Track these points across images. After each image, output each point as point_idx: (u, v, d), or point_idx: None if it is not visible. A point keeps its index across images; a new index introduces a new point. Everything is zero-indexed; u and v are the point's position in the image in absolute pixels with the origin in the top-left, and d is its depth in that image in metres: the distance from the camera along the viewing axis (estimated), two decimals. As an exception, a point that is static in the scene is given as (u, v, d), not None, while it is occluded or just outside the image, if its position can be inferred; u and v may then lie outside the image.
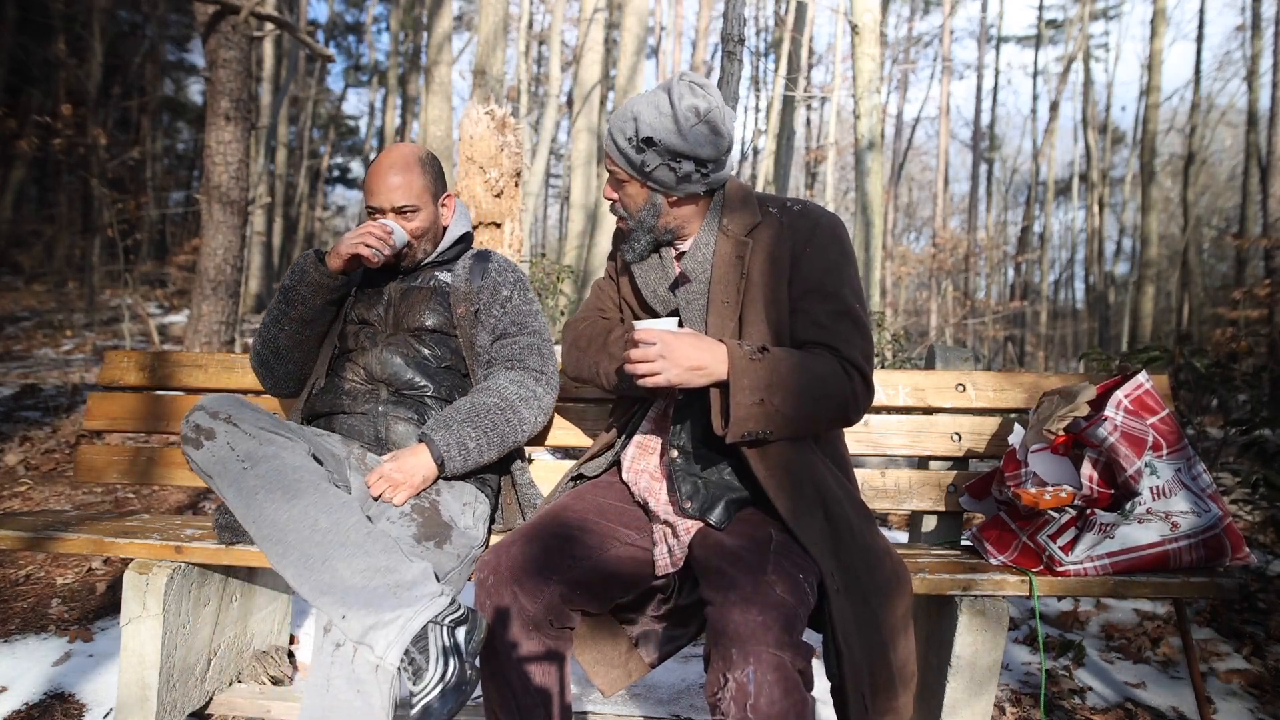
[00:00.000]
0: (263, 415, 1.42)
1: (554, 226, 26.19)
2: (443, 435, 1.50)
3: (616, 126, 1.36)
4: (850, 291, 1.36)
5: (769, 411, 1.23)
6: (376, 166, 1.67)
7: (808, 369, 1.26)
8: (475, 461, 1.53)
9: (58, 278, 11.80)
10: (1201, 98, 15.64)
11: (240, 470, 1.33)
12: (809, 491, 1.28)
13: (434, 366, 1.66)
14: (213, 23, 4.57)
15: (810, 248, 1.37)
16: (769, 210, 1.43)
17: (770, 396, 1.23)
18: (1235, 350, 3.99)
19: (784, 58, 13.32)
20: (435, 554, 1.41)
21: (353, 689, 1.23)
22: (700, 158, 1.33)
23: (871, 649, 1.20)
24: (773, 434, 1.25)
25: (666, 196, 1.39)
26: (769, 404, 1.22)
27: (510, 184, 4.25)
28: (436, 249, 1.75)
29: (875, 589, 1.24)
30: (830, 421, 1.32)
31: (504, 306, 1.70)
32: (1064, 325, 23.60)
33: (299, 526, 1.29)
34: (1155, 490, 1.50)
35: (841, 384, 1.28)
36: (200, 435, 1.36)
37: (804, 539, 1.23)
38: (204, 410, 1.39)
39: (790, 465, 1.29)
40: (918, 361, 5.90)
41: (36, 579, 2.51)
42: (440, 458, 1.48)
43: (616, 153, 1.37)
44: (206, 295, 4.67)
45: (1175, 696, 2.01)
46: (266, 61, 13.83)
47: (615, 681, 1.45)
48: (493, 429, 1.55)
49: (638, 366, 1.24)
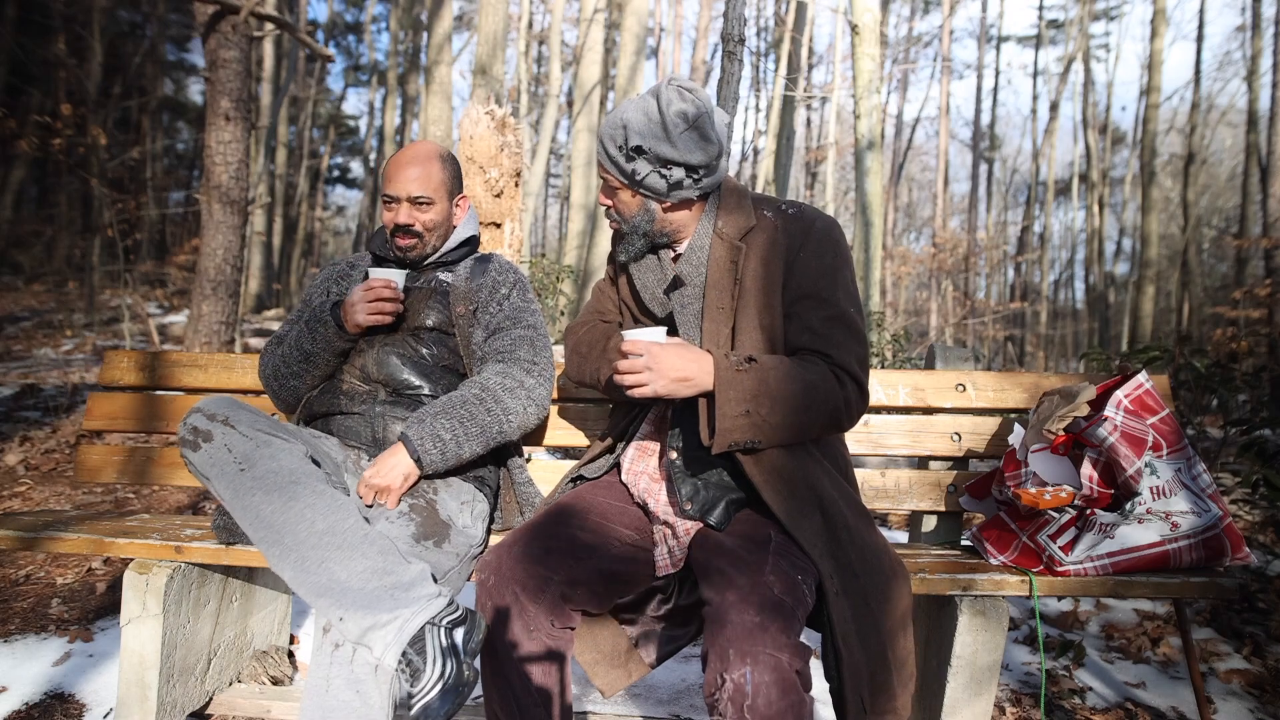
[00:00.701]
0: (260, 417, 1.42)
1: (554, 226, 26.20)
2: (416, 430, 1.48)
3: (607, 135, 1.36)
4: (845, 296, 1.34)
5: (756, 422, 1.22)
6: (398, 157, 1.69)
7: (798, 377, 1.25)
8: (455, 455, 1.50)
9: (58, 278, 11.81)
10: (1201, 98, 15.65)
11: (237, 472, 1.33)
12: (804, 494, 1.28)
13: (430, 365, 1.67)
14: (213, 23, 4.58)
15: (805, 252, 1.35)
16: (764, 213, 1.42)
17: (757, 407, 1.22)
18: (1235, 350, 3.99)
19: (784, 58, 13.32)
20: (434, 553, 1.41)
21: (352, 689, 1.23)
22: (691, 164, 1.32)
23: (870, 650, 1.20)
24: (761, 443, 1.25)
25: (660, 202, 1.38)
26: (755, 415, 1.22)
27: (510, 184, 4.25)
28: (442, 248, 1.76)
29: (874, 589, 1.24)
30: (823, 428, 1.31)
31: (500, 304, 1.70)
32: (1064, 325, 23.60)
33: (296, 528, 1.29)
34: (1155, 490, 1.50)
35: (833, 392, 1.28)
36: (197, 437, 1.36)
37: (801, 540, 1.23)
38: (201, 412, 1.39)
39: (784, 469, 1.29)
40: (918, 361, 5.90)
41: (36, 579, 2.51)
42: (416, 454, 1.46)
43: (608, 160, 1.37)
44: (206, 295, 4.67)
45: (1175, 696, 2.01)
46: (266, 61, 13.84)
47: (615, 682, 1.45)
48: (471, 420, 1.51)
49: (625, 378, 1.25)
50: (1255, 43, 13.12)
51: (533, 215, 13.70)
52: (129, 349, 4.91)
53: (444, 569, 1.42)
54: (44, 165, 13.17)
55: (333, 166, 24.88)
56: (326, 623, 1.27)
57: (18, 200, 12.81)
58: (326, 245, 24.56)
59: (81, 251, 12.08)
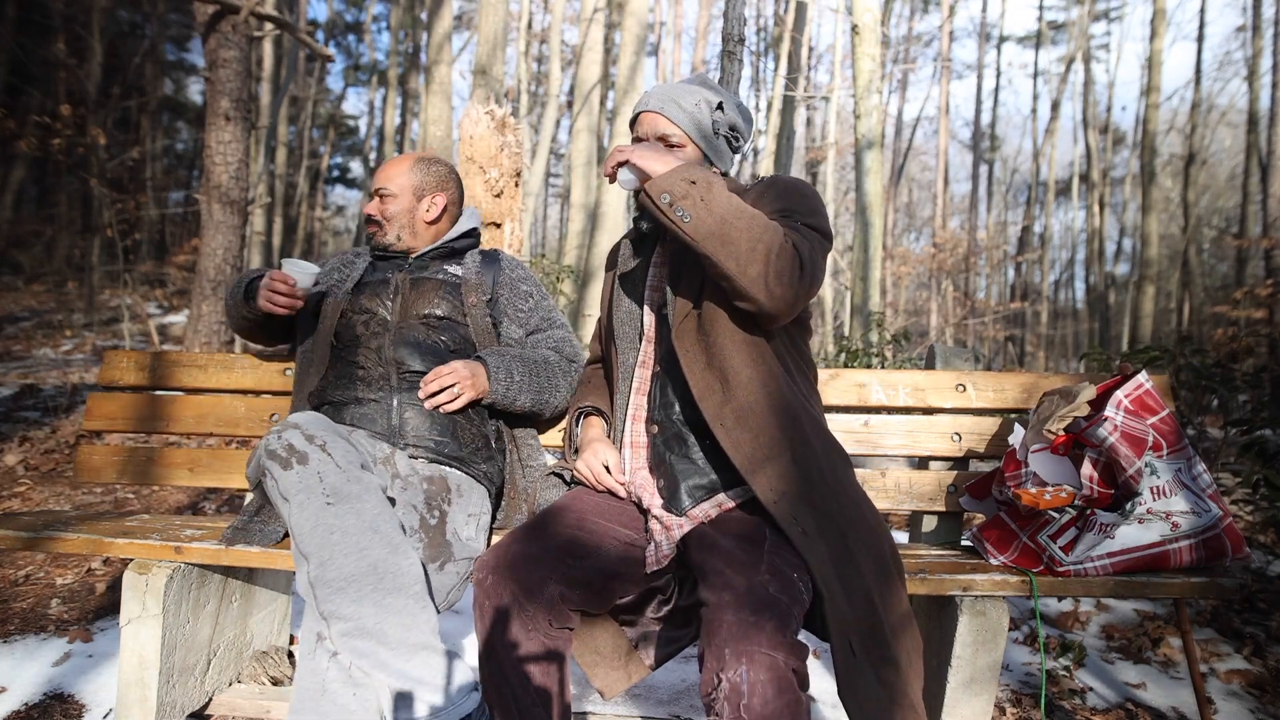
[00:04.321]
0: (351, 447, 1.44)
1: (554, 226, 26.20)
2: (495, 360, 1.65)
3: (680, 93, 1.45)
4: (807, 212, 1.35)
5: (693, 193, 1.22)
6: (387, 161, 1.91)
7: (749, 208, 1.26)
8: (513, 396, 1.65)
9: (57, 278, 11.80)
10: (1201, 98, 15.64)
11: (323, 504, 1.32)
12: (771, 436, 1.27)
13: (444, 349, 1.72)
14: (213, 23, 4.58)
15: (769, 193, 1.40)
16: (744, 187, 1.49)
17: (703, 188, 1.22)
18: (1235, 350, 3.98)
19: (784, 58, 13.32)
20: (438, 577, 1.43)
21: (349, 691, 1.23)
22: (743, 138, 1.49)
23: (853, 589, 1.16)
24: (688, 220, 1.20)
25: (712, 167, 1.48)
26: (699, 187, 1.22)
27: (510, 184, 4.25)
28: (437, 241, 1.86)
29: (851, 526, 1.22)
30: (749, 260, 1.21)
31: (527, 301, 1.85)
32: (1064, 325, 23.60)
33: (363, 581, 1.30)
34: (1155, 490, 1.50)
35: (773, 232, 1.23)
36: (293, 457, 1.35)
37: (761, 487, 1.24)
38: (300, 430, 1.39)
39: (753, 409, 1.29)
40: (918, 361, 5.90)
41: (36, 579, 2.51)
42: (489, 374, 1.63)
43: (681, 114, 1.44)
44: (206, 295, 4.67)
45: (1175, 697, 2.01)
46: (266, 61, 13.82)
47: (615, 683, 1.45)
48: (534, 375, 1.68)
49: (618, 155, 1.29)
50: (1255, 43, 13.12)
51: (533, 215, 13.69)
52: (129, 349, 4.91)
53: (446, 588, 1.45)
54: (44, 165, 13.16)
55: (333, 166, 24.88)
56: (321, 629, 1.28)
57: (18, 200, 12.81)
58: (326, 245, 24.55)
59: (81, 251, 12.08)
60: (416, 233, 1.85)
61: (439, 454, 1.61)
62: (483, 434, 1.70)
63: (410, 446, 1.61)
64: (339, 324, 1.73)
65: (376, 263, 1.86)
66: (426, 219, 1.85)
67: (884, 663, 1.16)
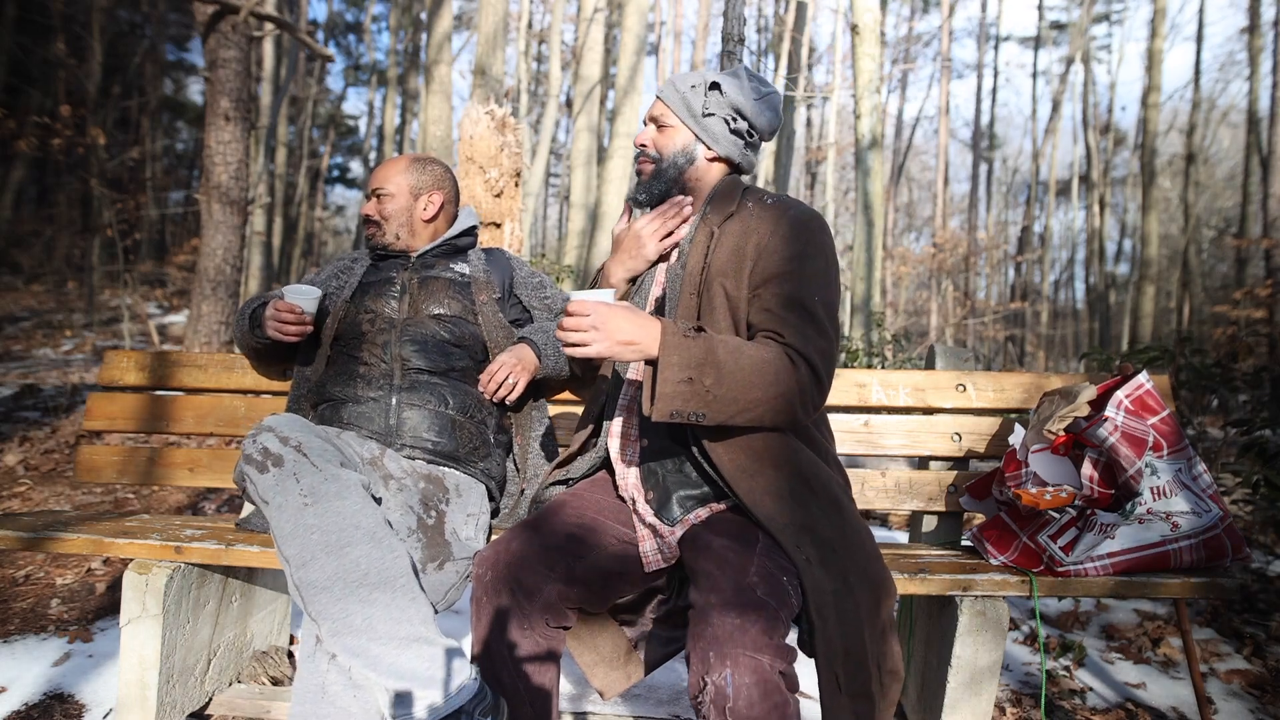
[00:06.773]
0: (327, 445, 1.41)
1: (554, 226, 26.19)
2: (538, 337, 1.76)
3: (681, 78, 1.45)
4: (809, 282, 1.29)
5: (698, 391, 1.17)
6: (382, 163, 1.93)
7: (747, 353, 1.20)
8: (561, 364, 1.76)
9: (57, 278, 11.80)
10: (1201, 98, 15.65)
11: (300, 505, 1.30)
12: (773, 468, 1.26)
13: (450, 346, 1.72)
14: (212, 22, 4.57)
15: (774, 239, 1.32)
16: (746, 204, 1.41)
17: (700, 376, 1.17)
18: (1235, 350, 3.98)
19: (784, 57, 13.32)
20: (436, 576, 1.43)
21: (349, 693, 1.23)
22: (756, 125, 1.43)
23: (847, 623, 1.16)
24: (705, 416, 1.19)
25: (707, 149, 1.44)
26: (699, 384, 1.17)
27: (510, 184, 4.25)
28: (438, 239, 1.87)
29: (853, 561, 1.21)
30: (774, 413, 1.22)
31: (544, 290, 1.93)
32: (1064, 325, 23.60)
33: (347, 576, 1.29)
34: (1156, 490, 1.50)
35: (785, 373, 1.21)
36: (268, 460, 1.34)
37: (764, 514, 1.22)
38: (274, 433, 1.37)
39: (752, 442, 1.27)
40: (918, 361, 5.90)
41: (36, 579, 2.51)
42: (538, 351, 1.73)
43: (674, 94, 1.44)
44: (206, 295, 4.67)
45: (1175, 697, 2.01)
46: (266, 61, 13.81)
47: (614, 684, 1.45)
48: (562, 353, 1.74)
49: (569, 335, 1.19)
50: (1255, 43, 13.12)
51: (533, 215, 13.69)
52: (129, 349, 4.91)
53: (445, 586, 1.44)
54: (44, 165, 13.15)
55: (332, 166, 24.88)
56: (320, 631, 1.28)
57: (18, 200, 12.80)
58: (326, 245, 24.55)
59: (81, 251, 12.08)
60: (415, 231, 1.85)
61: (436, 454, 1.61)
62: (482, 433, 1.70)
63: (407, 447, 1.61)
64: (342, 324, 1.73)
65: (377, 263, 1.85)
66: (424, 217, 1.85)
67: (861, 696, 1.17)
